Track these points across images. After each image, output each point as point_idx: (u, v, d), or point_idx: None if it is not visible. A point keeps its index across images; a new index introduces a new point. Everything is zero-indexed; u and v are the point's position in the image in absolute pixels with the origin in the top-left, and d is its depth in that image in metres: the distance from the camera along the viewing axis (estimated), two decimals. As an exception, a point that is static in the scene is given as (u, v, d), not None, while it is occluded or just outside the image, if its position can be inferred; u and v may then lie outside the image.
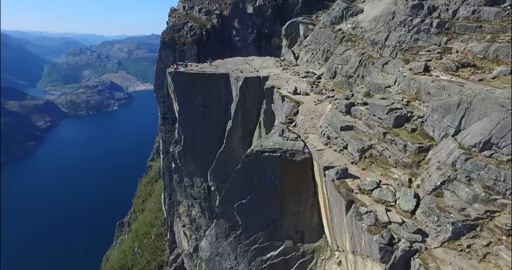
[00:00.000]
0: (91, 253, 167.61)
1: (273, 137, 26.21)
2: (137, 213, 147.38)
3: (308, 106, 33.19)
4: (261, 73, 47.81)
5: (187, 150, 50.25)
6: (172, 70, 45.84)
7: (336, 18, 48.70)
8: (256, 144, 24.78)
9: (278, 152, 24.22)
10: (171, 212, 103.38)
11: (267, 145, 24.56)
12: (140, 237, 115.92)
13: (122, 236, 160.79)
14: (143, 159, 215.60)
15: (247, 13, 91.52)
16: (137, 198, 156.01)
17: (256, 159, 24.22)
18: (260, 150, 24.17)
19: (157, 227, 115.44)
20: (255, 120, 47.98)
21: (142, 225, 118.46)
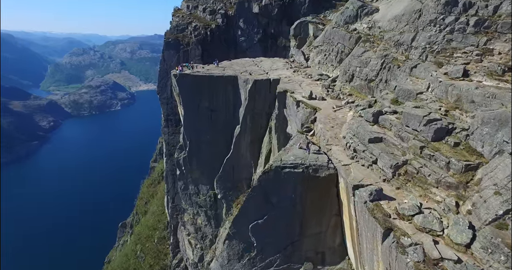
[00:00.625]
0: (93, 254, 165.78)
1: (293, 149, 23.25)
2: (139, 215, 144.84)
3: (327, 113, 30.22)
4: (271, 75, 44.85)
5: (192, 156, 47.38)
6: (177, 73, 42.94)
7: (350, 18, 45.66)
8: (275, 159, 21.83)
9: (300, 167, 21.29)
10: (174, 215, 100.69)
11: (288, 159, 21.61)
12: (142, 240, 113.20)
13: (124, 237, 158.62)
14: (145, 159, 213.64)
15: (252, 12, 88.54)
16: (139, 199, 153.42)
17: (275, 175, 21.29)
18: (279, 166, 21.24)
19: (160, 230, 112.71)
20: (265, 126, 45.08)
21: (145, 228, 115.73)
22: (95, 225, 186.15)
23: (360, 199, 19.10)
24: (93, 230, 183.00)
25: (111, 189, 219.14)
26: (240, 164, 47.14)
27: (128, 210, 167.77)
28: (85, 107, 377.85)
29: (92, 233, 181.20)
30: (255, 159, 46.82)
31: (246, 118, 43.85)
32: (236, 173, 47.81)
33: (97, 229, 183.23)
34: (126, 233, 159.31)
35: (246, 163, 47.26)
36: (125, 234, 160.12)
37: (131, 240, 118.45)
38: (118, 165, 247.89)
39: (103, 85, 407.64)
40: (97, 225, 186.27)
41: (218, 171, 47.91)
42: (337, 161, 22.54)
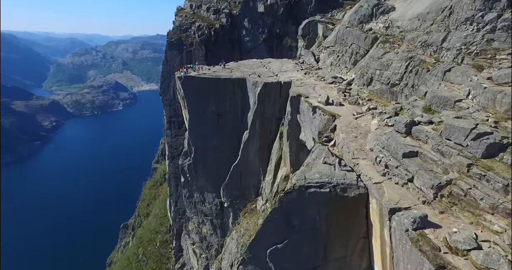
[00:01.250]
0: (95, 255, 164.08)
1: (317, 164, 20.38)
2: (141, 217, 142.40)
3: (347, 121, 27.35)
4: (281, 77, 41.98)
5: (198, 162, 44.57)
6: (182, 75, 40.08)
7: (365, 17, 42.73)
8: (298, 177, 18.96)
9: (326, 187, 18.44)
10: (177, 219, 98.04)
11: (313, 177, 18.76)
12: (144, 244, 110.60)
13: (126, 238, 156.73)
14: (147, 159, 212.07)
15: (257, 12, 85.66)
16: (141, 201, 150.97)
17: (299, 196, 18.48)
18: (304, 185, 18.40)
19: (162, 233, 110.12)
20: (275, 131, 42.23)
21: (147, 231, 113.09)
22: (96, 226, 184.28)
23: (400, 226, 16.23)
24: (94, 231, 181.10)
25: (112, 189, 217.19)
26: (248, 171, 44.33)
27: (130, 211, 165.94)
28: (87, 107, 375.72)
29: (93, 233, 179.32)
30: (264, 165, 44.02)
31: (255, 123, 41.02)
32: (244, 181, 45.01)
33: (99, 230, 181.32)
34: (127, 235, 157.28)
35: (254, 170, 44.47)
36: (127, 235, 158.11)
37: (133, 243, 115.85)
38: (120, 165, 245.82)
39: (105, 85, 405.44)
40: (98, 225, 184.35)
41: (224, 178, 45.11)
42: (367, 178, 19.66)
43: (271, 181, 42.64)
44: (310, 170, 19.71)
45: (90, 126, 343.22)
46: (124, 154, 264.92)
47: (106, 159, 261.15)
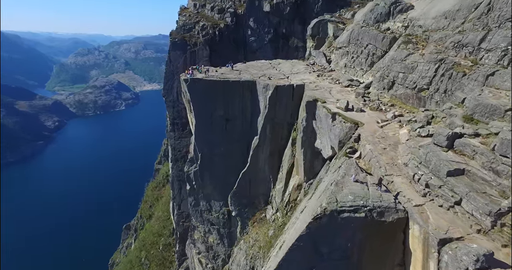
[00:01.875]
0: (97, 255, 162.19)
1: (347, 184, 17.64)
2: (144, 218, 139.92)
3: (372, 129, 24.59)
4: (292, 80, 39.21)
5: (204, 170, 41.87)
6: (188, 77, 37.33)
7: (382, 16, 39.97)
8: (329, 199, 16.22)
9: (361, 210, 15.74)
10: (181, 222, 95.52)
11: (345, 200, 16.05)
12: (147, 247, 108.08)
13: (128, 239, 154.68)
14: (149, 160, 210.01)
15: (263, 11, 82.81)
16: (144, 202, 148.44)
17: (330, 221, 15.80)
18: (336, 210, 15.69)
19: (165, 236, 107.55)
20: (286, 137, 39.49)
21: (150, 234, 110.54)
22: (98, 226, 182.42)
23: (457, 262, 13.47)
24: (96, 231, 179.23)
25: (115, 189, 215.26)
26: (258, 178, 41.63)
27: (132, 212, 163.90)
28: (90, 107, 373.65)
29: (95, 234, 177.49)
30: (274, 173, 41.32)
31: (265, 128, 38.29)
32: (253, 189, 42.33)
33: (101, 230, 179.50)
34: (130, 236, 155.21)
35: (264, 177, 41.77)
36: (129, 236, 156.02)
37: (136, 246, 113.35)
38: (122, 166, 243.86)
39: (107, 85, 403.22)
40: (100, 226, 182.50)
41: (232, 186, 42.43)
42: (406, 200, 16.91)
43: (282, 190, 39.97)
44: (341, 190, 16.98)
45: (92, 126, 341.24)
46: (126, 154, 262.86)
47: (108, 159, 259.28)
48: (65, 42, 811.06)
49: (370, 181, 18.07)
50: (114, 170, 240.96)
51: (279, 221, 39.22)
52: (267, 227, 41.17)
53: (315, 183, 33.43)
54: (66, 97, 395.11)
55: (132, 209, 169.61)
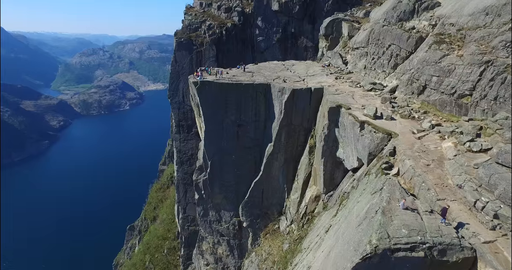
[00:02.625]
0: (101, 255, 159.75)
1: (396, 212, 14.55)
2: (148, 220, 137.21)
3: (408, 141, 21.46)
4: (309, 83, 36.15)
5: (214, 178, 38.88)
6: (197, 80, 34.31)
7: (405, 14, 36.77)
8: (379, 235, 13.15)
9: (419, 248, 12.69)
10: (186, 226, 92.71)
11: (399, 235, 13.01)
12: (151, 250, 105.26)
13: (132, 240, 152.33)
14: (153, 160, 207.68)
15: (271, 10, 79.64)
16: (148, 204, 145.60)
17: (382, 261, 12.76)
18: (390, 248, 12.64)
19: (170, 240, 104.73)
20: (302, 144, 36.45)
21: (154, 237, 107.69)
22: (102, 226, 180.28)
23: None
24: (100, 231, 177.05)
25: (119, 189, 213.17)
26: (271, 187, 38.62)
27: (136, 212, 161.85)
28: (94, 107, 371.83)
29: (99, 234, 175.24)
30: (289, 182, 38.27)
31: (280, 135, 35.25)
32: (266, 198, 39.32)
33: (104, 230, 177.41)
34: (134, 236, 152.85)
35: (278, 186, 38.74)
36: (133, 237, 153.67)
37: (140, 250, 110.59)
38: (126, 165, 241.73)
39: (112, 85, 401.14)
40: (104, 226, 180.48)
41: (244, 195, 39.45)
42: (471, 234, 13.80)
43: (298, 200, 36.92)
44: (390, 221, 13.89)
45: (97, 126, 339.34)
46: (130, 154, 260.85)
47: (112, 158, 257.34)
48: (71, 42, 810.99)
49: (421, 207, 14.96)
50: (118, 170, 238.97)
51: (294, 234, 36.19)
52: (281, 239, 38.17)
53: (337, 195, 30.42)
54: (71, 97, 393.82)
55: (136, 209, 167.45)
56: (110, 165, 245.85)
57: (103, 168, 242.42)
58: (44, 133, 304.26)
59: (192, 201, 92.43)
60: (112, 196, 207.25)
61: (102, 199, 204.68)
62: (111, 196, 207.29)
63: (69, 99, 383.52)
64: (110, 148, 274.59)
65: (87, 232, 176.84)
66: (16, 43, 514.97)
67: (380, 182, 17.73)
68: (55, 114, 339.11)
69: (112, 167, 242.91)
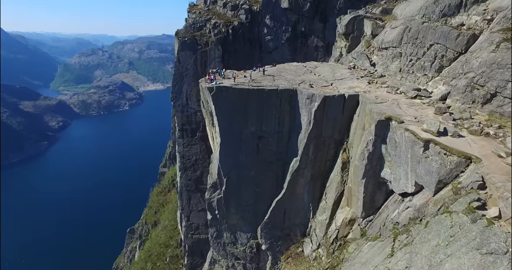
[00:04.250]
0: (100, 258, 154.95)
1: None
2: (148, 225, 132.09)
3: (500, 169, 16.37)
4: (339, 88, 31.03)
5: (230, 197, 33.72)
6: (213, 85, 29.05)
7: (451, 8, 31.69)
8: None
9: None
10: (189, 235, 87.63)
11: None
12: (153, 258, 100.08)
13: (132, 243, 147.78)
14: (154, 160, 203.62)
15: (280, 8, 74.36)
16: (148, 208, 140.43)
17: None
18: None
19: (172, 248, 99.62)
20: (332, 158, 31.35)
21: (156, 244, 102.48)
22: (102, 228, 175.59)
23: None
24: (99, 234, 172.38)
25: (118, 191, 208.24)
26: (294, 207, 33.54)
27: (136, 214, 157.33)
28: (94, 108, 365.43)
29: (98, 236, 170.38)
30: (315, 201, 33.19)
31: (308, 148, 30.16)
32: (288, 219, 34.24)
33: (104, 233, 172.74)
34: (134, 240, 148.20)
35: (302, 205, 33.68)
36: (134, 240, 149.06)
37: (141, 257, 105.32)
38: (126, 167, 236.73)
39: (111, 85, 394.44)
40: (104, 228, 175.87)
41: (263, 215, 34.37)
42: None
43: (327, 222, 31.82)
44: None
45: (96, 126, 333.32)
46: (130, 154, 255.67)
47: (112, 159, 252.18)
48: (70, 42, 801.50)
49: None
50: (118, 171, 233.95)
51: (323, 262, 31.14)
52: (307, 266, 33.10)
53: (380, 222, 25.35)
54: (70, 97, 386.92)
55: (136, 211, 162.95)
56: (109, 166, 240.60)
57: (103, 168, 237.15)
58: (43, 134, 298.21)
59: (196, 208, 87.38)
60: (112, 197, 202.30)
61: (101, 200, 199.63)
62: (111, 197, 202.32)
63: (68, 99, 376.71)
64: (110, 149, 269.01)
65: (87, 233, 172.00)
66: (15, 43, 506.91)
67: (477, 229, 12.66)
68: (54, 115, 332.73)
69: (111, 168, 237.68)
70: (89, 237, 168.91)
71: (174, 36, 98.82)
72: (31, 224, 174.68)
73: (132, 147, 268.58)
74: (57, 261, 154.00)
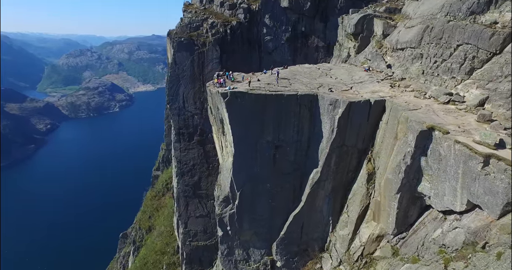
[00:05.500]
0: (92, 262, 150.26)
1: None
2: (142, 230, 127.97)
3: None
4: (361, 92, 28.43)
5: (244, 212, 30.74)
6: (226, 90, 26.02)
7: (480, 5, 29.25)
8: None
9: None
10: (187, 242, 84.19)
11: None
12: (149, 267, 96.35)
13: (125, 249, 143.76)
14: (145, 163, 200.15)
15: (280, 7, 71.61)
16: (142, 213, 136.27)
17: None
18: None
19: (169, 255, 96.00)
20: (354, 168, 28.70)
21: (152, 252, 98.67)
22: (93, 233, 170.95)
23: None
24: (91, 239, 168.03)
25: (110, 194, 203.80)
26: (312, 220, 30.82)
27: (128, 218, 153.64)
28: (83, 109, 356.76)
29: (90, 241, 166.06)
30: (335, 214, 30.53)
31: (330, 158, 27.46)
32: (305, 233, 31.55)
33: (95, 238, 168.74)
34: (127, 245, 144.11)
35: (321, 219, 31.01)
36: (127, 245, 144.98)
37: (136, 265, 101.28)
38: (117, 169, 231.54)
39: (100, 86, 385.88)
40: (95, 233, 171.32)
41: (278, 230, 31.58)
42: None
43: (349, 237, 29.19)
44: None
45: (86, 128, 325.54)
46: (121, 157, 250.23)
47: (102, 162, 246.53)
48: (56, 43, 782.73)
49: None
50: (108, 174, 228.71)
51: (346, 281, 28.47)
52: (327, 285, 30.41)
53: (417, 242, 22.80)
54: (58, 99, 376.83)
55: (128, 215, 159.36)
56: (100, 169, 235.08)
57: (93, 171, 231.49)
58: (30, 137, 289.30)
59: (194, 214, 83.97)
60: (103, 200, 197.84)
61: (92, 203, 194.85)
62: (102, 200, 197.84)
63: (56, 101, 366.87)
64: (100, 151, 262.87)
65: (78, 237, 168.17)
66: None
67: None
68: (42, 117, 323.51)
69: (102, 171, 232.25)
70: (80, 240, 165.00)
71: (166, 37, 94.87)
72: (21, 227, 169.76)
73: (123, 149, 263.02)
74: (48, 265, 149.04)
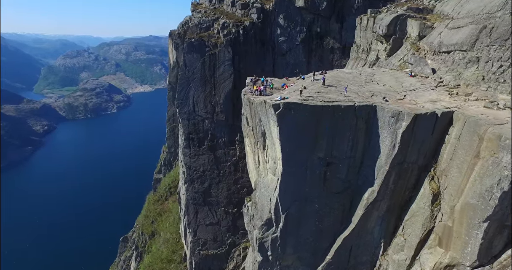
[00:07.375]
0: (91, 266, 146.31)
1: None
2: (145, 235, 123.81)
3: None
4: (418, 101, 25.01)
5: (288, 235, 27.06)
6: (278, 101, 22.29)
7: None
8: None
9: None
10: (197, 251, 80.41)
11: None
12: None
13: (126, 252, 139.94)
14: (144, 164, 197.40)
15: (295, 6, 68.11)
16: (145, 217, 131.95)
17: None
18: None
19: (176, 263, 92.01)
20: (412, 187, 25.22)
21: (157, 260, 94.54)
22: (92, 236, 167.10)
23: None
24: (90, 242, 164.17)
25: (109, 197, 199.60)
26: (362, 243, 27.36)
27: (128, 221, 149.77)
28: (80, 111, 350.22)
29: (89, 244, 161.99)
30: (388, 236, 27.03)
31: (389, 176, 23.94)
32: (353, 256, 28.03)
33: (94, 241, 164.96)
34: (128, 249, 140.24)
35: (372, 241, 27.52)
36: (127, 249, 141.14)
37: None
38: (116, 171, 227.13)
39: (98, 87, 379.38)
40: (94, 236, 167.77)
41: (323, 254, 28.02)
42: None
43: (407, 263, 25.74)
44: None
45: (83, 130, 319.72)
46: (120, 159, 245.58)
47: (101, 164, 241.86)
48: (53, 43, 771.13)
49: None
50: (108, 176, 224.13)
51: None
52: (379, 316, 26.89)
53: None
54: (55, 100, 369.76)
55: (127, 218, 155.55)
56: (99, 170, 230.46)
57: (92, 173, 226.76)
58: (26, 139, 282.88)
59: (203, 222, 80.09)
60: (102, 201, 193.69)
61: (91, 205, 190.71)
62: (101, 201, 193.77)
63: (53, 102, 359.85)
64: (99, 153, 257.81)
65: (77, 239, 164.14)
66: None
67: None
68: (39, 118, 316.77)
69: (101, 172, 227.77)
70: (79, 243, 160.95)
71: (168, 37, 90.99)
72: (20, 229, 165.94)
73: (121, 150, 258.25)
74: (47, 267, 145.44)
